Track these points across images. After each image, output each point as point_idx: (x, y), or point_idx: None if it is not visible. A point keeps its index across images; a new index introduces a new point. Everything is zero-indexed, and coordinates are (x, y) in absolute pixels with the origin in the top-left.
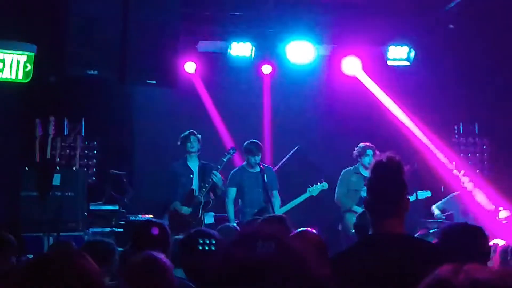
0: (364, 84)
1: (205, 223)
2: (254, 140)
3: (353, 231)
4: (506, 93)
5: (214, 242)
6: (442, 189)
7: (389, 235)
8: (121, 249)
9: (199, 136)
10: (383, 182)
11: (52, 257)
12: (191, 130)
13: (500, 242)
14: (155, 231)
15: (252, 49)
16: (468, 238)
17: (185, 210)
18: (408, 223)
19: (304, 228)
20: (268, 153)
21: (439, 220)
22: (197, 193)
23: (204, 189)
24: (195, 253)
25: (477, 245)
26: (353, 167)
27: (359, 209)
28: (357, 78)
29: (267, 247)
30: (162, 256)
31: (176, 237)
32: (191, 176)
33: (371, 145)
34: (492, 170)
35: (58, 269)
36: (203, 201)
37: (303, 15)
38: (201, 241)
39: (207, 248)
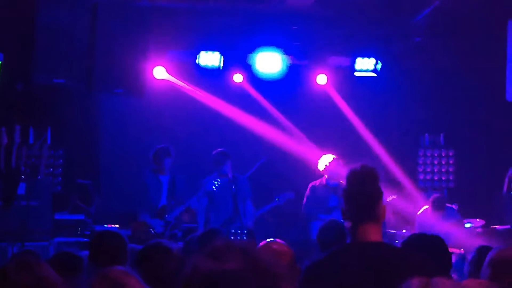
0: (331, 96)
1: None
2: (221, 149)
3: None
4: (472, 105)
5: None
6: None
7: (367, 243)
8: None
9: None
10: (359, 190)
11: (10, 268)
12: (168, 146)
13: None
14: None
15: (220, 59)
16: (426, 248)
17: (157, 227)
18: None
19: (272, 239)
20: (236, 162)
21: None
22: (167, 212)
23: (175, 207)
24: (150, 265)
25: (435, 255)
26: (318, 179)
27: (325, 217)
28: (324, 89)
29: (235, 260)
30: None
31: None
32: (161, 190)
33: (335, 156)
34: (458, 182)
35: (15, 280)
36: (173, 221)
37: (271, 25)
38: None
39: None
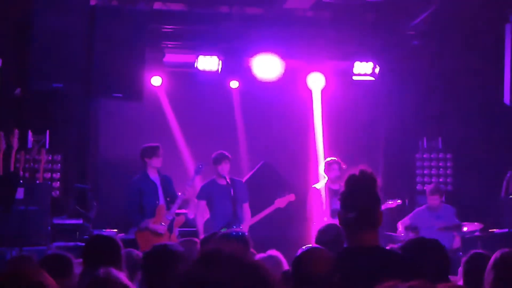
0: (329, 100)
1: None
2: (220, 151)
3: None
4: (470, 108)
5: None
6: (406, 203)
7: (364, 248)
8: None
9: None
10: (357, 194)
11: (7, 274)
12: (158, 144)
13: None
14: None
15: (219, 63)
16: (425, 252)
17: (162, 228)
18: None
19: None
20: (234, 166)
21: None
22: (167, 210)
23: (171, 204)
24: (157, 269)
25: (434, 259)
26: (320, 182)
27: (330, 220)
28: (322, 93)
29: (227, 268)
30: (121, 274)
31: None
32: (156, 190)
33: (336, 159)
34: (456, 185)
35: (12, 286)
36: (174, 217)
37: (269, 29)
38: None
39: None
